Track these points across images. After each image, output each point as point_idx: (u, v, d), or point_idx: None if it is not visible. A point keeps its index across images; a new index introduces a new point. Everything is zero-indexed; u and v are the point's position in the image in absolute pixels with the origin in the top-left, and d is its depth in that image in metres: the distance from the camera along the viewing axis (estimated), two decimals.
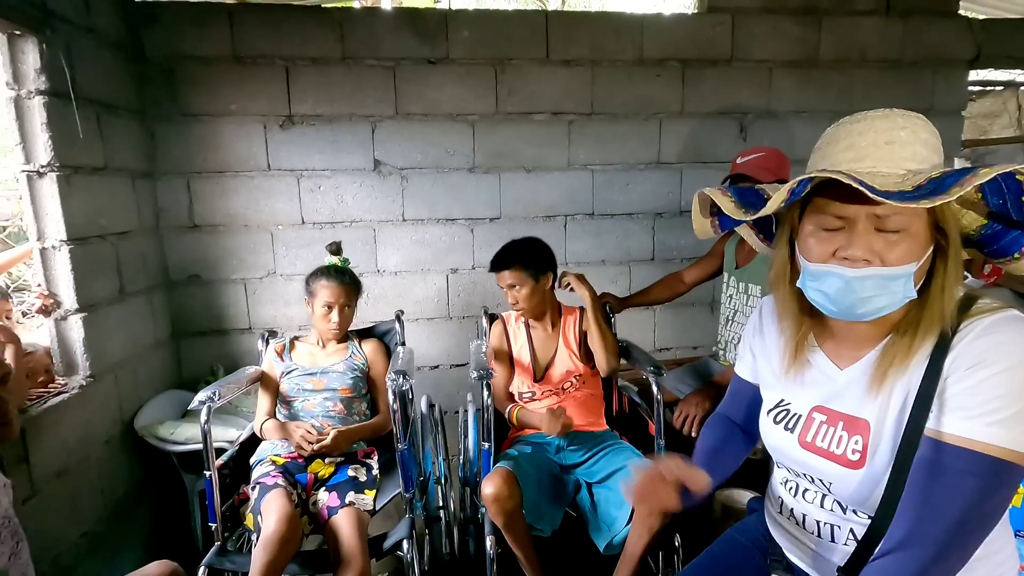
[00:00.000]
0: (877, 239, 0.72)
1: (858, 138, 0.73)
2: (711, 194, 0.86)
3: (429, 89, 2.48)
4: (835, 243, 0.74)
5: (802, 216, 0.79)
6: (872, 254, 0.71)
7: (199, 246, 2.44)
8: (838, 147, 0.75)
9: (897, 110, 0.73)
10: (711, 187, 0.88)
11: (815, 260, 0.76)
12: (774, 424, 0.91)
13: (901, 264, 0.71)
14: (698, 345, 2.89)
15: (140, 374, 2.15)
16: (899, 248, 0.71)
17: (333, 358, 1.78)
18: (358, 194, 2.52)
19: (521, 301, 1.72)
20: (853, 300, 0.73)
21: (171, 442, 1.97)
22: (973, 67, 2.89)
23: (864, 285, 0.72)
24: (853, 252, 0.72)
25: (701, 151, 2.71)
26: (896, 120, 0.72)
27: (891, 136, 0.71)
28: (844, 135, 0.74)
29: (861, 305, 0.73)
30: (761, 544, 1.00)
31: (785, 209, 0.81)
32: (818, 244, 0.76)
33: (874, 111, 0.74)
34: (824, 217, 0.75)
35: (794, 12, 2.66)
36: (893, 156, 0.71)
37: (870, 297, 0.72)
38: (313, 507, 1.53)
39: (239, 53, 2.33)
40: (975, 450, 0.68)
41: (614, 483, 1.52)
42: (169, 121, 2.33)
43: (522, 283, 1.71)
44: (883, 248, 0.71)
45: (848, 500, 0.82)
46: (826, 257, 0.75)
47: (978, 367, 0.69)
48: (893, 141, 0.71)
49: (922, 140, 0.72)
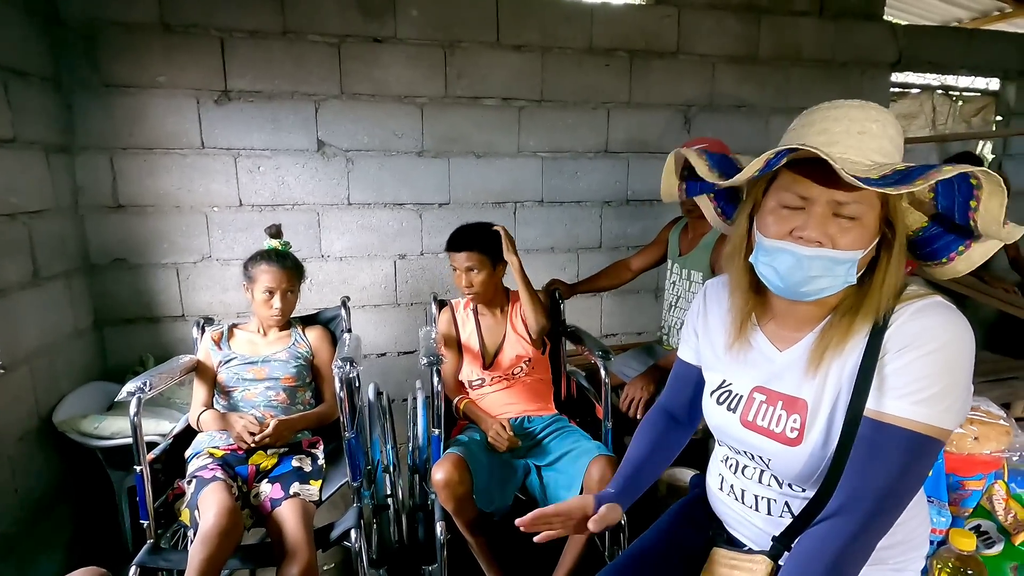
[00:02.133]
0: (832, 223, 0.75)
1: (832, 123, 0.75)
2: (687, 154, 0.86)
3: (376, 69, 2.40)
4: (793, 222, 0.77)
5: (766, 192, 0.81)
6: (825, 237, 0.75)
7: (125, 228, 2.27)
8: (812, 130, 0.77)
9: (872, 104, 0.76)
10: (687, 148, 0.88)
11: (772, 237, 0.79)
12: (717, 404, 0.94)
13: (850, 249, 0.75)
14: (643, 331, 2.97)
15: (59, 365, 2.00)
16: (851, 234, 0.75)
17: (275, 346, 1.72)
18: (301, 176, 2.42)
19: (476, 285, 1.70)
20: (800, 278, 0.76)
21: (96, 437, 1.84)
22: (895, 70, 3.10)
23: (813, 264, 0.75)
24: (809, 233, 0.75)
25: (647, 141, 2.77)
26: (870, 112, 0.75)
27: (864, 127, 0.74)
28: (819, 120, 0.77)
29: (806, 283, 0.77)
30: (704, 519, 1.04)
31: (751, 185, 0.83)
32: (776, 222, 0.78)
33: (851, 101, 0.76)
34: (787, 195, 0.77)
35: (736, 9, 2.75)
36: (862, 146, 0.74)
37: (816, 277, 0.76)
38: (255, 500, 1.47)
39: (168, 21, 2.17)
40: (902, 426, 0.73)
41: (563, 466, 1.54)
42: (89, 91, 2.15)
43: (480, 266, 1.69)
44: (836, 232, 0.75)
45: (785, 475, 0.86)
46: (783, 235, 0.77)
47: (907, 349, 0.74)
48: (865, 132, 0.74)
49: (889, 136, 0.75)
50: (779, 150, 0.72)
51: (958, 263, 0.80)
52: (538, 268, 2.73)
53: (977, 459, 1.20)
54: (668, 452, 1.08)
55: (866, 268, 0.79)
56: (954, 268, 0.81)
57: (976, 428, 1.21)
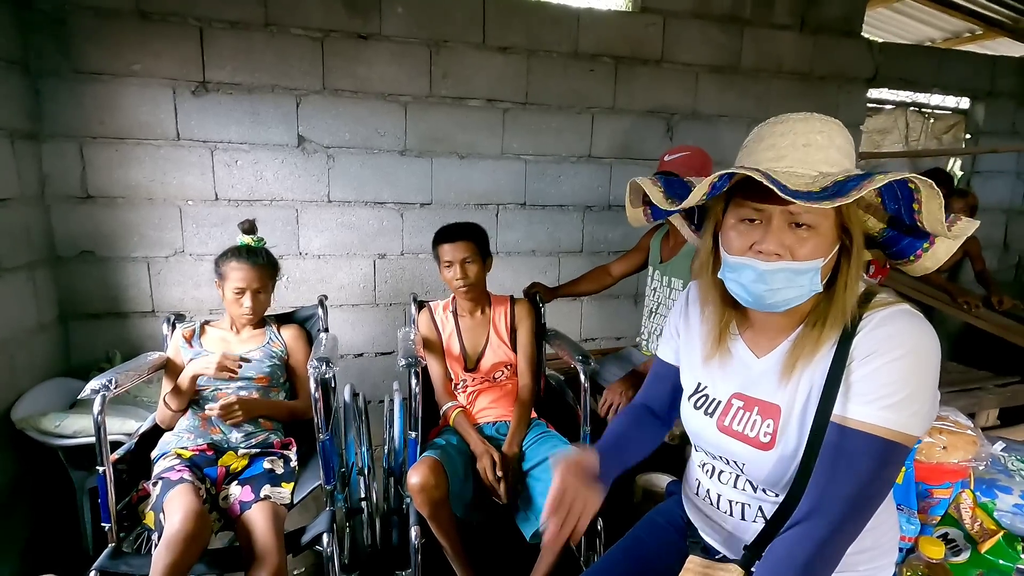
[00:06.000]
0: (789, 235, 0.77)
1: (779, 139, 0.77)
2: (642, 183, 0.89)
3: (360, 65, 2.37)
4: (752, 237, 0.79)
5: (726, 210, 0.83)
6: (783, 249, 0.76)
7: (93, 219, 2.20)
8: (761, 146, 0.79)
9: (817, 115, 0.78)
10: (643, 177, 0.90)
11: (734, 253, 0.80)
12: (694, 409, 0.95)
13: (809, 259, 0.76)
14: (621, 336, 2.99)
15: (19, 359, 1.92)
16: (808, 244, 0.76)
17: (249, 344, 1.67)
18: (280, 171, 2.37)
19: (472, 276, 1.68)
20: (764, 291, 0.78)
21: (56, 435, 1.77)
22: (871, 85, 3.17)
23: (775, 277, 0.77)
24: (767, 246, 0.77)
25: (630, 147, 2.79)
26: (814, 124, 0.77)
27: (808, 139, 0.76)
28: (767, 135, 0.79)
29: (771, 296, 0.78)
30: (680, 526, 1.05)
31: (712, 203, 0.85)
32: (737, 237, 0.80)
33: (796, 114, 0.78)
34: (743, 210, 0.79)
35: (720, 20, 2.79)
36: (808, 158, 0.75)
37: (780, 289, 0.78)
38: (224, 502, 1.43)
39: (144, 8, 2.11)
40: (870, 432, 0.74)
41: (541, 472, 1.53)
42: (59, 77, 2.07)
43: (475, 258, 1.67)
44: (793, 243, 0.76)
45: (759, 479, 0.87)
46: (744, 250, 0.79)
47: (873, 356, 0.76)
48: (809, 144, 0.76)
49: (836, 145, 0.77)
50: (721, 174, 0.74)
51: (925, 259, 0.82)
52: (519, 271, 2.73)
53: (945, 468, 1.23)
54: (646, 437, 1.06)
55: (831, 275, 0.80)
56: (923, 265, 0.83)
57: (944, 438, 1.24)
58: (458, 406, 1.69)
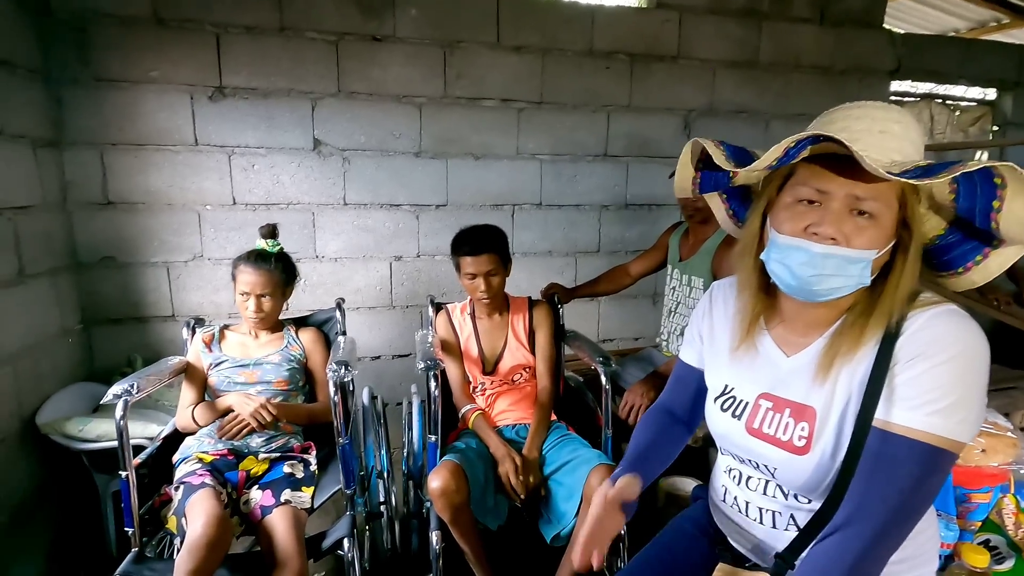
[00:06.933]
0: (848, 221, 0.73)
1: (855, 122, 0.74)
2: (704, 143, 0.84)
3: (374, 68, 2.37)
4: (808, 219, 0.75)
5: (781, 188, 0.80)
6: (840, 234, 0.73)
7: (114, 225, 2.22)
8: (832, 128, 0.74)
9: (896, 106, 0.75)
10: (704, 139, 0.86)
11: (786, 233, 0.77)
12: (721, 412, 0.92)
13: (865, 249, 0.73)
14: (640, 336, 2.95)
15: (43, 365, 1.94)
16: (866, 234, 0.73)
17: (267, 348, 1.67)
18: (296, 175, 2.38)
19: (495, 288, 1.65)
20: (811, 276, 0.75)
21: (80, 440, 1.79)
22: (894, 78, 3.10)
23: (826, 263, 0.73)
24: (824, 229, 0.73)
25: (647, 145, 2.76)
26: (892, 113, 0.74)
27: (885, 127, 0.73)
28: (840, 118, 0.75)
29: (818, 282, 0.75)
30: (708, 532, 1.02)
31: (765, 182, 0.82)
32: (791, 219, 0.77)
33: (873, 102, 0.75)
34: (804, 189, 0.76)
35: (737, 14, 2.74)
36: (883, 145, 0.72)
37: (828, 276, 0.74)
38: (244, 507, 1.42)
39: (162, 15, 2.13)
40: (915, 438, 0.71)
41: (563, 476, 1.51)
42: (80, 85, 2.10)
43: (498, 269, 1.65)
44: (851, 230, 0.73)
45: (792, 485, 0.83)
46: (797, 232, 0.76)
47: (919, 359, 0.72)
48: (886, 132, 0.72)
49: (911, 138, 0.73)
50: (799, 137, 0.70)
51: (974, 273, 0.78)
52: (535, 272, 2.71)
53: (984, 471, 1.18)
54: (672, 446, 1.05)
55: (880, 272, 0.77)
56: (970, 279, 0.79)
57: (984, 440, 1.19)
58: (477, 409, 1.67)
